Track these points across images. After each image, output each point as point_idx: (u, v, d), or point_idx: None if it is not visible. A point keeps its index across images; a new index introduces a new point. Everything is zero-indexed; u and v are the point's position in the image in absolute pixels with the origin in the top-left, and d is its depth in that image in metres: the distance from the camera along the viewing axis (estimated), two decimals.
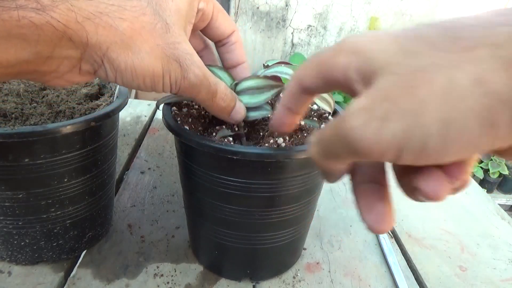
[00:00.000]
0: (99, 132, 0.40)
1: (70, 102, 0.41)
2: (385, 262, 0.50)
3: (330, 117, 0.43)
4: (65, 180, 0.39)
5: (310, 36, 2.45)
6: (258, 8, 2.29)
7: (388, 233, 0.55)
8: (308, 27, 2.43)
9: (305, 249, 0.51)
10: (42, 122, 0.37)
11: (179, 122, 0.38)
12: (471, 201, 0.66)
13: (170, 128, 0.36)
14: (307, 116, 0.42)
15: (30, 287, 0.41)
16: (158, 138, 0.75)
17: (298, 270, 0.47)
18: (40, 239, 0.41)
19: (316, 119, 0.41)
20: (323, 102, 0.39)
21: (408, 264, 0.51)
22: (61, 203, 0.40)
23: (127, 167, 0.65)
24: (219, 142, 0.34)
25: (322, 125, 0.40)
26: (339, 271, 0.48)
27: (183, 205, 0.46)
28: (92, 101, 0.43)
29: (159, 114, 0.85)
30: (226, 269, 0.45)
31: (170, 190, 0.60)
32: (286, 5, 2.30)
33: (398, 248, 0.53)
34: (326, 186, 0.64)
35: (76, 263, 0.45)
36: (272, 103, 0.37)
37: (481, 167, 2.09)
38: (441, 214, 0.62)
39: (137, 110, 0.85)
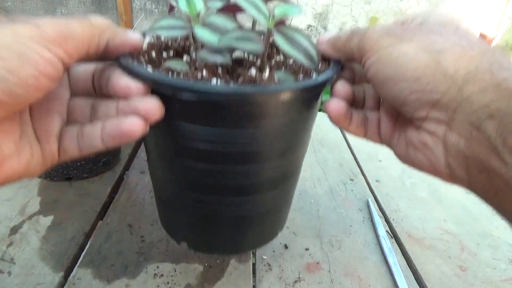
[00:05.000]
0: None
1: None
2: (385, 262, 0.50)
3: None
4: None
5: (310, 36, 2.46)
6: None
7: (388, 233, 0.55)
8: (308, 27, 2.43)
9: (306, 249, 0.51)
10: None
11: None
12: (471, 201, 0.66)
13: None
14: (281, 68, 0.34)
15: (30, 287, 0.41)
16: None
17: (299, 270, 0.48)
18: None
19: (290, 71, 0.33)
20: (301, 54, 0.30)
21: (408, 264, 0.51)
22: None
23: (127, 167, 0.65)
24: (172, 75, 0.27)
25: (301, 76, 0.32)
26: (339, 271, 0.48)
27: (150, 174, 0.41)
28: None
29: None
30: (210, 243, 0.41)
31: None
32: None
33: (398, 248, 0.53)
34: (326, 187, 0.64)
35: (76, 263, 0.45)
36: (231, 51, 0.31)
37: None
38: (441, 214, 0.62)
39: None
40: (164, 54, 0.34)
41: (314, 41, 0.32)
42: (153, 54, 0.33)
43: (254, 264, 0.48)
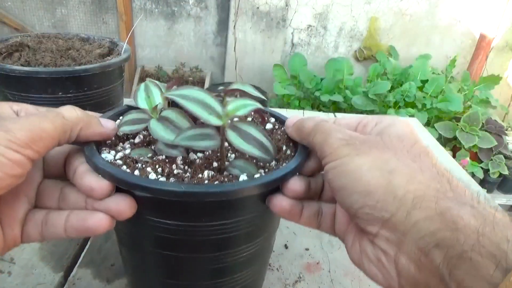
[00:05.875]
0: (110, 77, 0.56)
1: (88, 57, 0.59)
2: None
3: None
4: None
5: (310, 36, 2.46)
6: (258, 8, 2.29)
7: None
8: (308, 27, 2.43)
9: (306, 249, 0.51)
10: None
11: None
12: None
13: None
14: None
15: (30, 287, 0.41)
16: None
17: (299, 270, 0.47)
18: None
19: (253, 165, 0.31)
20: (261, 150, 0.30)
21: None
22: None
23: None
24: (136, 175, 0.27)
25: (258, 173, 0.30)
26: (339, 271, 0.48)
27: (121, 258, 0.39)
28: (103, 58, 0.60)
29: None
30: None
31: None
32: (286, 5, 2.30)
33: None
34: None
35: (76, 263, 0.45)
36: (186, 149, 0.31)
37: (481, 167, 2.07)
38: None
39: None
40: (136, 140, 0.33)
41: (315, 42, 0.31)
42: (124, 141, 0.33)
43: None
